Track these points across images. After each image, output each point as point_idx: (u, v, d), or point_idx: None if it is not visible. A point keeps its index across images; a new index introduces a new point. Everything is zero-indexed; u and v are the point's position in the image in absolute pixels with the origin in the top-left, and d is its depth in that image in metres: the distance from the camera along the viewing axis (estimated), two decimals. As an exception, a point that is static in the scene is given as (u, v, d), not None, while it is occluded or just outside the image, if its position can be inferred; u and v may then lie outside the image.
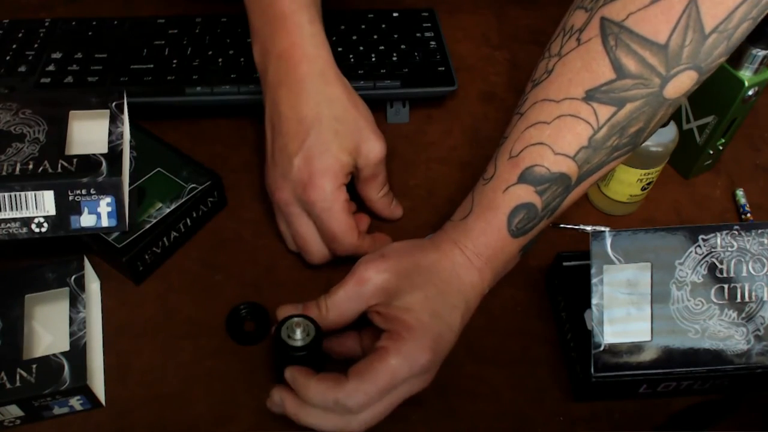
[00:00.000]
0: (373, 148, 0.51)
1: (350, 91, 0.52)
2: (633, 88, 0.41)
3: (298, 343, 0.44)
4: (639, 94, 0.42)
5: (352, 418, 0.41)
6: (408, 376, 0.42)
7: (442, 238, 0.47)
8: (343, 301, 0.45)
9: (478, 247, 0.46)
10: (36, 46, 0.65)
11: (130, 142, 0.57)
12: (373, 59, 0.65)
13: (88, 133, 0.53)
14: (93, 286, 0.52)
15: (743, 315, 0.45)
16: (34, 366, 0.45)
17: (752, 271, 0.45)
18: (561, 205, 0.46)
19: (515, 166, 0.45)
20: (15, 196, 0.48)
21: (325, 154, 0.49)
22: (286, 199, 0.50)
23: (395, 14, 0.70)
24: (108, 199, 0.49)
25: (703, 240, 0.45)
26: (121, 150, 0.52)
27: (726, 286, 0.45)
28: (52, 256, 0.51)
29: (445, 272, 0.45)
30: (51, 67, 0.63)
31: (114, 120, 0.54)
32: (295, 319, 0.44)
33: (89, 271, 0.51)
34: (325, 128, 0.49)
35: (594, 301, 0.45)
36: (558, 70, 0.44)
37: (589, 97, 0.42)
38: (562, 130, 0.43)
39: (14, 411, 0.44)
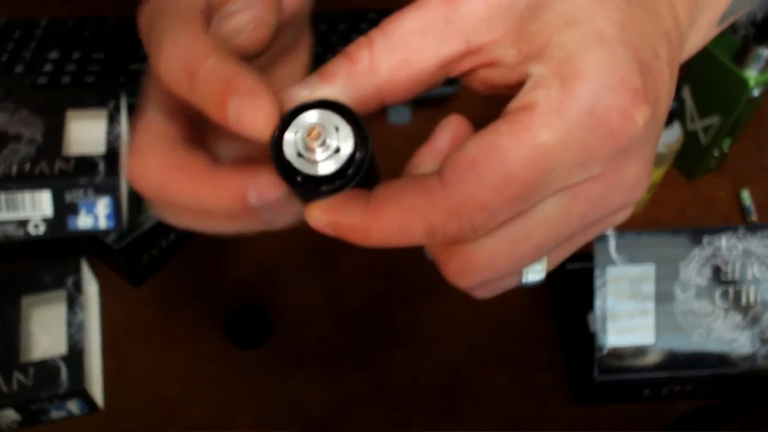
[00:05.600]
0: None
1: None
2: None
3: (322, 169, 0.22)
4: None
5: (473, 250, 0.23)
6: (596, 154, 0.21)
7: None
8: (413, 35, 0.23)
9: None
10: (33, 46, 0.64)
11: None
12: (374, 59, 0.64)
13: (86, 133, 0.53)
14: (91, 288, 0.52)
15: (748, 318, 0.45)
16: (32, 369, 0.44)
17: (757, 274, 0.45)
18: None
19: None
20: (11, 197, 0.47)
21: None
22: None
23: (396, 13, 0.70)
24: (106, 200, 0.49)
25: (708, 242, 0.45)
26: (119, 150, 0.51)
27: (731, 288, 0.45)
28: (50, 257, 0.51)
29: None
30: (48, 68, 0.62)
31: (112, 120, 0.53)
32: (309, 115, 0.22)
33: (87, 273, 0.51)
34: None
35: (597, 303, 0.44)
36: None
37: None
38: None
39: (11, 415, 0.44)
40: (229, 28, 0.25)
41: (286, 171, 0.22)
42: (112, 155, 0.50)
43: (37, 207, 0.48)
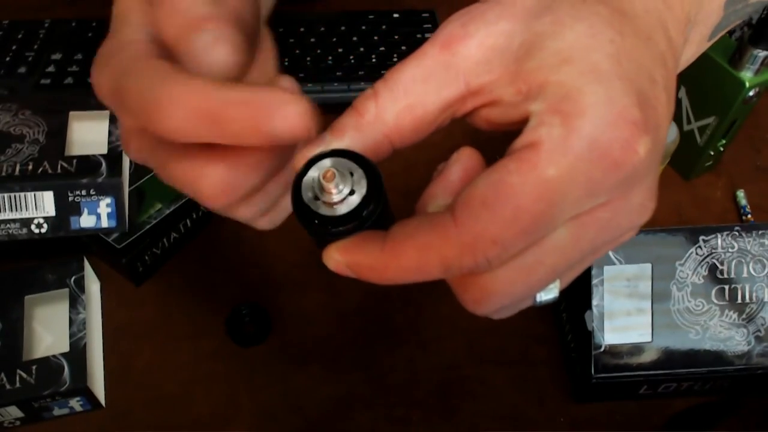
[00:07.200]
0: None
1: None
2: None
3: (338, 210, 0.24)
4: None
5: (489, 280, 0.24)
6: (602, 183, 0.22)
7: None
8: (416, 82, 0.24)
9: None
10: (36, 47, 0.65)
11: (130, 142, 0.57)
12: (374, 60, 0.65)
13: (88, 133, 0.53)
14: (93, 287, 0.52)
15: (744, 316, 0.45)
16: (34, 367, 0.45)
17: (753, 272, 0.45)
18: None
19: None
20: (15, 196, 0.48)
21: None
22: None
23: (396, 15, 0.70)
24: (108, 200, 0.49)
25: (704, 241, 0.45)
26: (121, 151, 0.52)
27: (726, 287, 0.45)
28: (52, 257, 0.51)
29: None
30: (51, 68, 0.63)
31: (114, 120, 0.53)
32: (326, 161, 0.24)
33: (89, 272, 0.51)
34: None
35: (594, 302, 0.45)
36: None
37: None
38: None
39: (14, 412, 0.44)
40: (210, 63, 0.24)
41: (305, 215, 0.24)
42: (114, 155, 0.50)
43: (39, 207, 0.48)
